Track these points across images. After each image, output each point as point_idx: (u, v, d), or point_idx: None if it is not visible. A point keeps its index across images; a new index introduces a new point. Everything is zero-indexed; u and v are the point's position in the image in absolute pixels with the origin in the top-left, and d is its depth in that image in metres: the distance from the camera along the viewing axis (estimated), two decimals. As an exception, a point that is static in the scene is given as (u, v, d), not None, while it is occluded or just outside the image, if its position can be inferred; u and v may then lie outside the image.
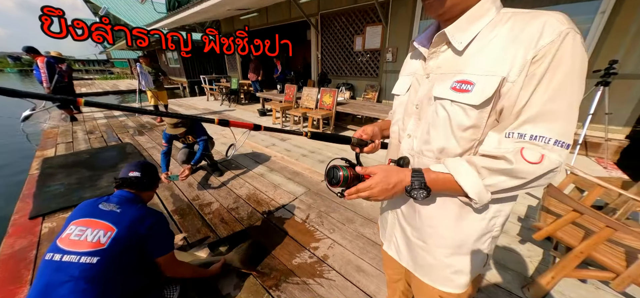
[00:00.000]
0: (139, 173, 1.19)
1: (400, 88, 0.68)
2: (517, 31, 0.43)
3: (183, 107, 7.25)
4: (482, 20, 0.47)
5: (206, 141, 2.53)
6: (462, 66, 0.50)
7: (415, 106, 0.60)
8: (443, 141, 0.53)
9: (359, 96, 5.49)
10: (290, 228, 1.90)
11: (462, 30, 0.49)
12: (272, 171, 2.89)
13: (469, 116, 0.48)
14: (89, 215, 0.98)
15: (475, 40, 0.48)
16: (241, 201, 2.28)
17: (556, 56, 0.39)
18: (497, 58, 0.44)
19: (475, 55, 0.48)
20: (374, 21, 4.79)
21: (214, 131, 4.49)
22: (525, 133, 0.43)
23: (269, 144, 3.83)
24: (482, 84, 0.45)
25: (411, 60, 0.67)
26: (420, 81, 0.60)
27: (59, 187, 2.51)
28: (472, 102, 0.46)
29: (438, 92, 0.52)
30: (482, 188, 0.47)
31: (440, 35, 0.52)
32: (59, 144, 3.90)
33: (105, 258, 0.90)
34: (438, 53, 0.55)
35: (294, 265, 1.57)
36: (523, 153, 0.42)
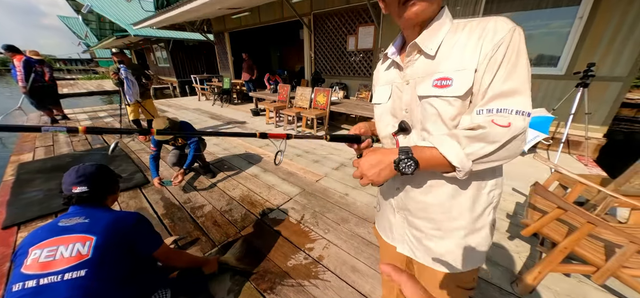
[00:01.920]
0: (85, 187, 1.03)
1: (381, 97, 0.73)
2: (477, 32, 0.53)
3: (173, 107, 7.09)
4: (443, 29, 0.58)
5: (198, 142, 2.49)
6: (436, 67, 0.58)
7: (404, 110, 0.66)
8: (438, 132, 0.60)
9: (352, 95, 5.51)
10: (285, 229, 1.89)
11: (429, 39, 0.58)
12: (266, 172, 2.87)
13: (454, 106, 0.56)
14: (52, 235, 0.88)
15: (441, 45, 0.58)
16: (234, 203, 2.26)
17: (510, 45, 0.50)
18: (465, 55, 0.54)
19: (446, 57, 0.57)
20: (366, 21, 4.82)
21: (205, 132, 4.42)
22: (493, 107, 0.51)
23: (262, 144, 3.80)
24: (460, 78, 0.54)
25: (386, 71, 0.74)
26: (401, 88, 0.66)
27: (37, 193, 2.37)
28: (456, 94, 0.55)
29: (422, 92, 0.60)
30: (464, 156, 0.52)
31: (412, 45, 0.61)
32: (38, 148, 3.73)
33: (93, 268, 0.86)
34: (412, 61, 0.63)
35: (289, 267, 1.56)
36: (494, 120, 0.50)
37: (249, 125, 5.00)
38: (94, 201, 1.06)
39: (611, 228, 1.11)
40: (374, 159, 0.59)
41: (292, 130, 4.56)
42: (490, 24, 0.52)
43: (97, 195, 1.07)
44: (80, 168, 1.07)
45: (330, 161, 3.18)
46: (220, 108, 6.81)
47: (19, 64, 4.43)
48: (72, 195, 1.02)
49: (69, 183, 1.03)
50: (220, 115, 5.94)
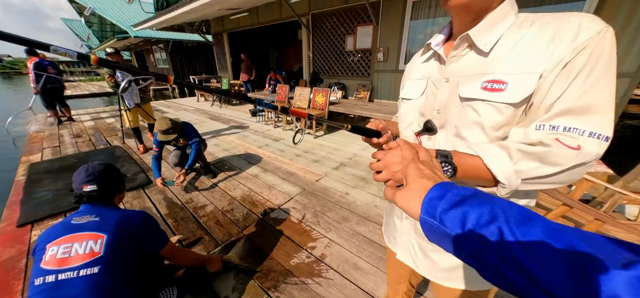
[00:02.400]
0: (95, 186, 1.05)
1: (413, 92, 0.64)
2: (551, 30, 0.44)
3: (173, 108, 7.10)
4: (504, 22, 0.49)
5: (199, 143, 2.50)
6: (488, 67, 0.49)
7: (436, 111, 0.58)
8: (476, 142, 0.52)
9: (351, 95, 5.52)
10: (287, 229, 1.91)
11: (486, 32, 0.49)
12: (266, 172, 2.88)
13: (502, 114, 0.47)
14: (67, 233, 0.92)
15: (500, 41, 0.49)
16: (236, 203, 2.27)
17: (596, 49, 0.39)
18: (530, 57, 0.45)
19: (503, 55, 0.48)
20: (364, 21, 4.83)
21: (205, 132, 4.43)
22: (559, 124, 0.41)
23: (262, 145, 3.81)
24: (517, 83, 0.45)
25: (423, 63, 0.65)
26: (438, 85, 0.58)
27: (47, 193, 2.42)
28: (509, 101, 0.46)
29: (466, 93, 0.51)
30: (513, 172, 0.43)
31: (463, 37, 0.51)
32: (45, 149, 3.75)
33: (105, 265, 0.89)
34: (459, 56, 0.54)
35: (292, 265, 1.58)
36: (559, 140, 0.41)
37: (248, 125, 5.01)
38: (103, 200, 1.08)
39: (622, 226, 1.11)
40: (405, 153, 0.49)
41: (291, 130, 4.57)
42: (573, 22, 0.42)
43: (106, 194, 1.10)
44: (89, 167, 1.10)
45: (330, 160, 3.20)
46: (219, 109, 6.82)
47: (30, 66, 4.61)
48: (82, 193, 1.04)
49: (79, 181, 1.05)
50: (219, 116, 5.95)
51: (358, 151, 3.49)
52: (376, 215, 2.06)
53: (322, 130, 4.50)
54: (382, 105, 4.69)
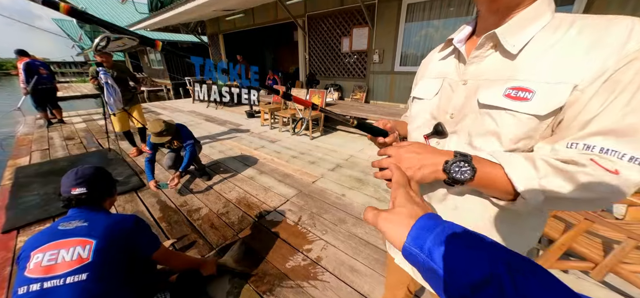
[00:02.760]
0: (84, 189, 1.02)
1: (426, 92, 0.60)
2: (593, 35, 0.38)
3: (168, 110, 7.02)
4: (537, 22, 0.43)
5: (193, 145, 2.46)
6: (514, 71, 0.44)
7: (449, 115, 0.54)
8: None
9: (347, 96, 5.53)
10: (283, 231, 1.88)
11: (515, 32, 0.44)
12: (262, 174, 2.86)
13: (524, 126, 0.42)
14: (53, 239, 0.89)
15: (530, 43, 0.43)
16: (231, 206, 2.24)
17: None
18: (565, 64, 0.39)
19: (532, 60, 0.42)
20: (360, 23, 4.85)
21: (200, 134, 4.38)
22: (594, 145, 0.36)
23: (258, 147, 3.78)
24: (545, 92, 0.40)
25: (441, 60, 0.60)
26: (454, 87, 0.53)
27: (35, 198, 2.35)
28: (534, 112, 0.41)
29: (487, 99, 0.46)
30: (538, 187, 0.38)
31: (489, 36, 0.46)
32: (34, 152, 3.65)
33: (94, 271, 0.86)
34: (482, 57, 0.49)
35: (288, 269, 1.55)
36: (595, 161, 0.36)
37: (244, 127, 4.98)
38: (92, 204, 1.05)
39: (609, 225, 1.12)
40: (420, 149, 0.47)
41: (287, 131, 4.55)
42: (621, 26, 0.36)
43: (96, 197, 1.06)
44: (79, 170, 1.06)
45: (326, 162, 3.18)
46: (214, 110, 6.76)
47: (20, 66, 4.53)
48: (71, 197, 1.01)
49: (68, 185, 1.02)
50: (215, 117, 5.90)
51: (354, 153, 3.48)
52: (373, 216, 2.05)
53: (318, 131, 4.49)
54: (379, 106, 4.71)
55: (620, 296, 1.35)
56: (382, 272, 1.51)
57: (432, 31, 4.15)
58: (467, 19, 3.71)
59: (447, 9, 3.89)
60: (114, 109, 3.03)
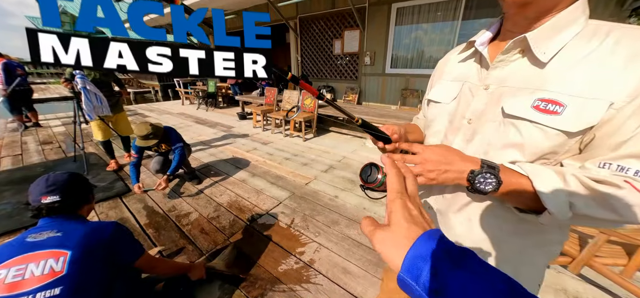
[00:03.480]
0: (56, 197, 0.94)
1: (444, 95, 0.57)
2: (632, 47, 0.35)
3: (155, 112, 6.84)
4: (571, 29, 0.39)
5: (182, 148, 2.41)
6: (543, 81, 0.41)
7: (466, 120, 0.51)
8: None
9: (340, 98, 5.56)
10: (275, 234, 1.87)
11: (547, 38, 0.40)
12: (254, 176, 2.82)
13: (550, 141, 0.40)
14: (20, 252, 0.81)
15: (562, 51, 0.40)
16: (222, 210, 2.20)
17: None
18: (601, 78, 0.37)
19: (564, 70, 0.40)
20: (351, 26, 4.90)
21: (191, 137, 4.29)
22: (629, 167, 0.35)
23: (250, 149, 3.74)
24: (578, 107, 0.37)
25: (459, 63, 0.57)
26: (475, 91, 0.50)
27: (5, 206, 2.21)
28: (565, 128, 0.38)
29: (513, 109, 0.43)
30: (565, 201, 0.37)
31: (518, 40, 0.43)
32: (4, 158, 3.45)
33: (69, 285, 0.80)
34: (508, 61, 0.46)
35: (280, 272, 1.54)
36: (630, 183, 0.34)
37: (235, 129, 4.91)
38: (66, 212, 0.98)
39: (620, 235, 1.16)
40: (447, 152, 0.45)
41: (280, 133, 4.53)
42: None
43: (70, 205, 0.99)
44: (50, 176, 0.99)
45: (319, 163, 3.19)
46: (205, 112, 6.64)
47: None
48: (41, 206, 0.93)
49: (38, 193, 0.94)
50: (205, 119, 5.79)
51: (347, 154, 3.50)
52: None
53: (311, 133, 4.49)
54: (371, 107, 4.76)
55: (594, 288, 1.42)
56: (375, 273, 1.52)
57: (421, 34, 4.25)
58: (454, 23, 3.83)
59: (434, 13, 3.99)
60: (93, 117, 2.69)
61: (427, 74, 4.29)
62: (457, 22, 3.81)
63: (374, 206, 2.23)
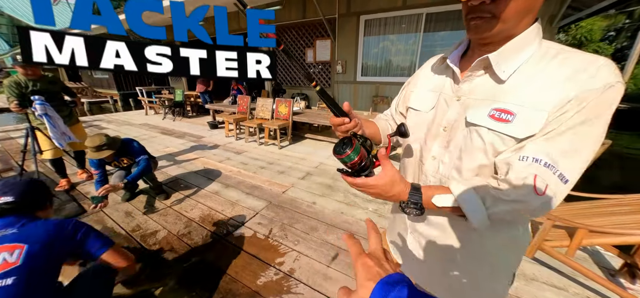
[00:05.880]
0: (11, 197, 0.97)
1: (423, 104, 0.63)
2: (570, 70, 0.42)
3: (114, 123, 6.24)
4: (527, 50, 0.46)
5: (148, 160, 2.23)
6: (501, 94, 0.48)
7: (442, 128, 0.57)
8: (477, 168, 0.52)
9: (314, 105, 5.63)
10: (252, 246, 1.80)
11: (507, 58, 0.47)
12: (228, 188, 2.71)
13: (506, 145, 0.47)
14: None
15: (518, 70, 0.47)
16: (194, 225, 2.06)
17: (597, 102, 0.40)
18: (545, 93, 0.43)
19: (517, 86, 0.46)
20: (322, 35, 5.03)
21: (157, 149, 3.98)
22: (541, 159, 0.42)
23: (222, 159, 3.59)
24: (525, 117, 0.44)
25: (435, 75, 0.63)
26: (449, 102, 0.57)
27: None
28: (513, 134, 0.45)
29: (474, 119, 0.50)
30: (486, 217, 0.47)
31: (482, 60, 0.49)
32: None
33: (22, 275, 0.81)
34: (473, 77, 0.53)
35: (260, 286, 1.48)
36: (536, 181, 0.42)
37: (206, 139, 4.68)
38: (20, 214, 0.99)
39: None
40: (386, 192, 0.52)
41: (254, 142, 4.42)
42: (591, 68, 0.41)
43: (24, 207, 1.01)
44: (8, 180, 1.05)
45: (296, 171, 3.17)
46: (172, 122, 6.23)
47: None
48: None
49: None
50: (172, 130, 5.43)
51: (324, 160, 3.53)
52: (343, 221, 2.09)
53: (286, 140, 4.45)
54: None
55: (547, 269, 1.60)
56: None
57: (389, 44, 4.51)
58: (417, 35, 4.14)
59: (399, 25, 4.28)
60: (63, 144, 2.46)
61: (395, 82, 4.55)
62: (419, 34, 4.12)
63: (352, 209, 2.27)
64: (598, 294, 1.44)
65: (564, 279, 1.54)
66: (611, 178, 4.73)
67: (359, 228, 1.99)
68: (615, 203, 1.51)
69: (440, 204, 0.51)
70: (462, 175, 0.55)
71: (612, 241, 1.24)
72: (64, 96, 2.69)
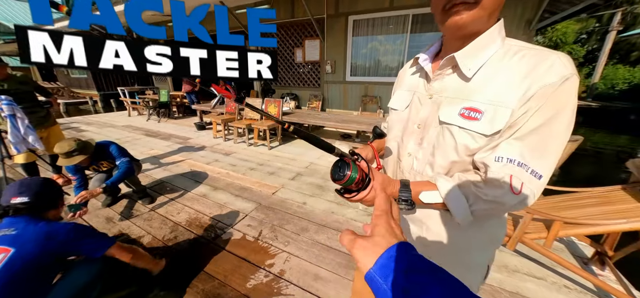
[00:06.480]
0: (27, 197, 1.04)
1: (399, 103, 0.66)
2: (529, 66, 0.44)
3: (95, 125, 5.96)
4: (490, 48, 0.48)
5: (130, 162, 2.14)
6: (469, 92, 0.50)
7: (416, 126, 0.59)
8: (448, 164, 0.54)
9: (304, 105, 5.62)
10: (242, 249, 1.77)
11: (471, 56, 0.49)
12: (217, 190, 2.65)
13: (477, 142, 0.49)
14: None
15: (483, 68, 0.49)
16: (180, 229, 2.01)
17: (555, 95, 0.42)
18: (507, 89, 0.45)
19: (483, 83, 0.48)
20: (312, 35, 5.03)
21: (141, 152, 3.84)
22: (515, 159, 0.44)
23: (210, 161, 3.51)
24: (491, 114, 0.46)
25: (411, 75, 0.65)
26: (422, 100, 0.59)
27: None
28: (482, 131, 0.47)
29: (446, 117, 0.52)
30: (469, 213, 0.50)
31: (449, 59, 0.51)
32: None
33: (2, 278, 0.85)
34: (443, 75, 0.55)
35: (249, 289, 1.47)
36: (512, 181, 0.44)
37: (193, 140, 4.56)
38: (31, 214, 1.04)
39: None
40: (380, 202, 0.50)
41: (243, 142, 4.36)
42: (546, 62, 0.43)
43: (37, 207, 1.07)
44: (24, 180, 1.10)
45: (286, 171, 3.15)
46: (157, 124, 6.02)
47: None
48: (10, 206, 1.02)
49: (10, 194, 1.04)
50: (157, 132, 5.26)
51: (314, 160, 3.53)
52: (334, 221, 2.10)
53: (276, 140, 4.42)
54: (334, 114, 4.90)
55: (527, 260, 1.68)
56: (346, 275, 1.56)
57: (377, 44, 4.58)
58: (404, 36, 4.22)
59: (387, 26, 4.35)
60: (21, 149, 2.21)
61: (384, 82, 4.63)
62: (406, 35, 4.21)
63: (343, 209, 2.29)
64: (573, 282, 1.52)
65: (543, 269, 1.62)
66: (584, 172, 5.02)
67: (350, 227, 2.01)
68: (587, 195, 1.60)
69: (427, 200, 0.53)
70: (434, 171, 0.57)
71: (585, 231, 1.31)
72: (37, 96, 2.53)
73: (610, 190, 1.54)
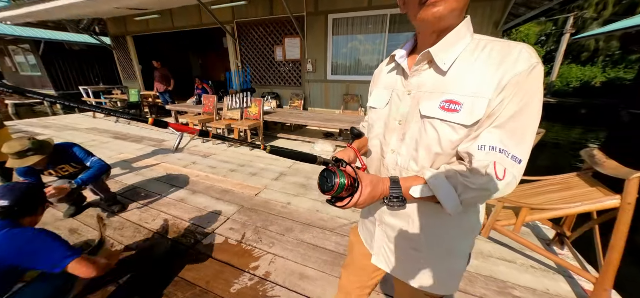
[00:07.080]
0: (7, 201, 1.02)
1: (378, 101, 0.67)
2: (499, 57, 0.48)
3: (53, 128, 5.40)
4: (461, 43, 0.51)
5: (101, 160, 1.96)
6: (446, 86, 0.52)
7: (397, 122, 0.61)
8: (432, 157, 0.55)
9: (285, 104, 5.55)
10: (224, 254, 1.71)
11: (445, 51, 0.51)
12: (195, 194, 2.53)
13: (458, 134, 0.51)
14: None
15: (456, 62, 0.52)
16: (156, 237, 1.89)
17: (524, 84, 0.45)
18: (481, 80, 0.48)
19: (459, 76, 0.51)
20: (291, 33, 4.97)
21: (109, 156, 3.56)
22: (496, 146, 0.47)
23: (187, 163, 3.34)
24: (469, 105, 0.49)
25: (388, 73, 0.67)
26: (401, 97, 0.60)
27: None
28: (463, 122, 0.49)
29: (427, 111, 0.54)
30: (459, 203, 0.52)
31: (424, 54, 0.53)
32: None
33: None
34: (420, 71, 0.57)
35: (233, 294, 1.42)
36: (496, 168, 0.47)
37: (168, 142, 4.31)
38: (6, 218, 1.01)
39: None
40: (372, 198, 0.54)
41: (223, 143, 4.20)
42: (514, 53, 0.47)
43: (14, 213, 1.03)
44: (9, 184, 1.08)
45: (269, 172, 3.09)
46: (127, 126, 5.61)
47: None
48: None
49: None
50: (127, 134, 4.90)
51: (296, 159, 3.50)
52: (318, 219, 2.10)
53: (258, 140, 4.32)
54: (316, 113, 4.90)
55: (500, 246, 1.81)
56: (332, 272, 1.56)
57: (357, 43, 4.64)
58: (383, 35, 4.32)
59: (366, 25, 4.42)
60: None
61: (364, 80, 4.70)
62: (385, 34, 4.31)
63: (327, 207, 2.29)
64: (538, 262, 1.66)
65: (513, 252, 1.75)
66: (545, 161, 5.52)
67: (335, 225, 2.02)
68: (549, 183, 1.75)
69: (417, 195, 0.54)
70: (418, 165, 0.58)
71: (548, 215, 1.44)
72: None
73: (567, 177, 1.69)
